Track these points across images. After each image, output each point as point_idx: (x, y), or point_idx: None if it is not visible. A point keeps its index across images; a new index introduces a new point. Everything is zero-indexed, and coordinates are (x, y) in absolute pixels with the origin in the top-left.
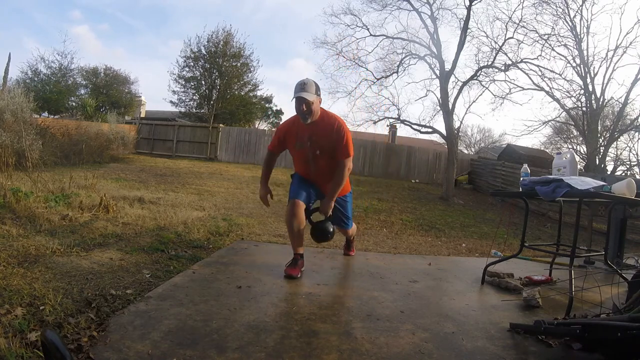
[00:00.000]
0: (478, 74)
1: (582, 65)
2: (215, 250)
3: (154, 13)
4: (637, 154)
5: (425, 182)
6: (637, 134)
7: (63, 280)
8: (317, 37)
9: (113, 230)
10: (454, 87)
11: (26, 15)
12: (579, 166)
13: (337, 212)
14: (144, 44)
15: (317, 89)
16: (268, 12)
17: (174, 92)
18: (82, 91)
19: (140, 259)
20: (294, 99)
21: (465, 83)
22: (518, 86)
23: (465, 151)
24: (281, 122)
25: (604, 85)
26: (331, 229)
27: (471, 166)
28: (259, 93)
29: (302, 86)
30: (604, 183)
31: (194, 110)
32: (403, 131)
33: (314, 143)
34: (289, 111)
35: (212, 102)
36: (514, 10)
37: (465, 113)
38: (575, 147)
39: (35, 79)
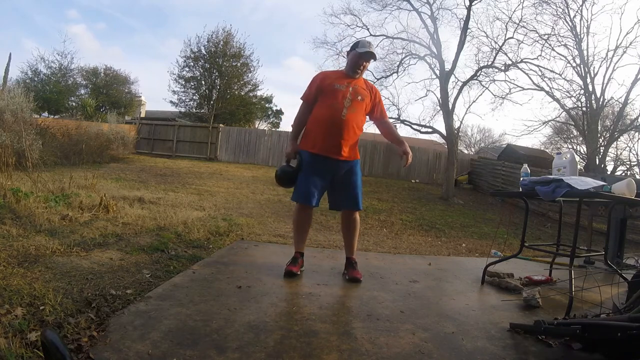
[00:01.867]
0: (478, 74)
1: (582, 65)
2: (215, 250)
3: (152, 13)
4: (637, 154)
5: (425, 182)
6: (637, 134)
7: (63, 280)
8: (317, 37)
9: (113, 230)
10: (454, 87)
11: (24, 15)
12: (579, 166)
13: (347, 181)
14: (144, 44)
15: None
16: (266, 12)
17: (174, 92)
18: (82, 91)
19: (140, 259)
20: (361, 53)
21: (465, 83)
22: (518, 86)
23: (465, 151)
24: (317, 73)
25: (604, 85)
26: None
27: (471, 166)
28: (259, 93)
29: (370, 44)
30: (604, 183)
31: (194, 110)
32: (403, 131)
33: (355, 89)
34: (289, 111)
35: (212, 102)
36: (514, 10)
37: (465, 113)
38: (575, 147)
39: (35, 79)
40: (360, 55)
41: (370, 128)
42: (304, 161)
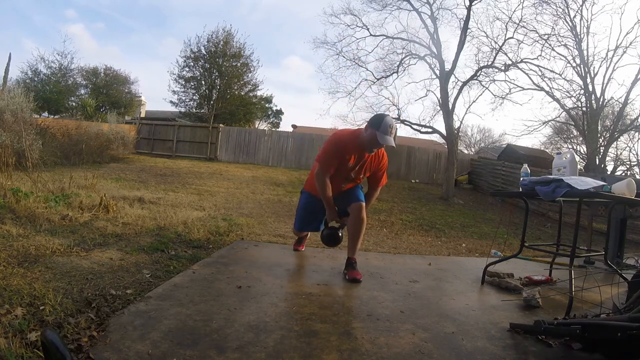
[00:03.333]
0: (478, 74)
1: (582, 65)
2: (215, 250)
3: (151, 14)
4: (637, 154)
5: (425, 182)
6: (637, 134)
7: (63, 280)
8: (317, 37)
9: (113, 230)
10: (454, 87)
11: (23, 15)
12: (579, 166)
13: (347, 192)
14: (143, 44)
15: None
16: (264, 13)
17: (174, 92)
18: (82, 91)
19: (140, 259)
20: (382, 142)
21: (465, 83)
22: (518, 86)
23: (465, 151)
24: (337, 140)
25: (604, 85)
26: (341, 234)
27: (471, 166)
28: (259, 93)
29: (391, 130)
30: (604, 183)
31: (194, 110)
32: (403, 131)
33: (362, 166)
34: (288, 111)
35: (212, 102)
36: (514, 10)
37: (465, 113)
38: (575, 147)
39: (35, 79)
40: (379, 142)
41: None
42: (305, 198)
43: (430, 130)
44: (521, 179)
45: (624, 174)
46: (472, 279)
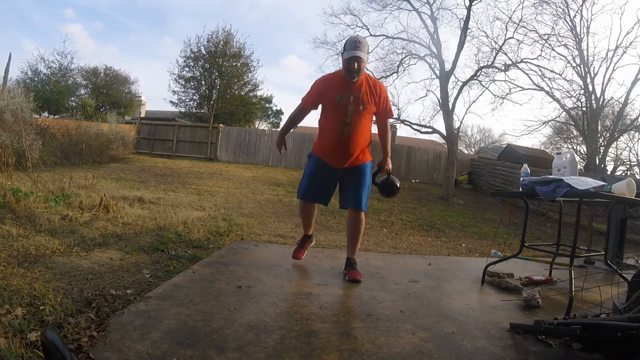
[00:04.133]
0: (478, 74)
1: (582, 65)
2: (215, 250)
3: (150, 14)
4: (637, 154)
5: (425, 182)
6: (637, 134)
7: (63, 280)
8: (317, 37)
9: (113, 230)
10: (454, 87)
11: (22, 15)
12: (579, 166)
13: (353, 183)
14: (142, 44)
15: (368, 48)
16: (263, 13)
17: (174, 92)
18: (82, 91)
19: (140, 259)
20: (347, 57)
21: (465, 83)
22: (518, 86)
23: (465, 151)
24: (319, 78)
25: (604, 85)
26: (397, 183)
27: (471, 166)
28: (259, 93)
29: (356, 44)
30: (604, 183)
31: (194, 110)
32: (403, 131)
33: (357, 98)
34: (288, 111)
35: (212, 102)
36: (514, 10)
37: (465, 113)
38: (575, 147)
39: (35, 79)
40: (347, 60)
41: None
42: (313, 162)
43: (430, 130)
44: (521, 179)
45: (624, 174)
46: (472, 279)
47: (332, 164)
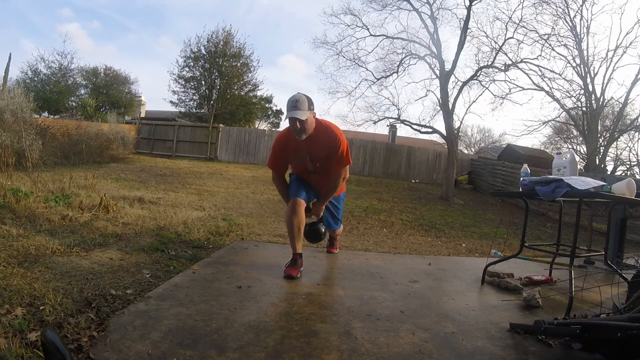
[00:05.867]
0: (478, 74)
1: (582, 65)
2: (215, 250)
3: (149, 14)
4: (637, 154)
5: (425, 182)
6: (637, 134)
7: (63, 280)
8: (317, 37)
9: (113, 230)
10: (454, 87)
11: (21, 15)
12: (579, 166)
13: (328, 212)
14: (141, 44)
15: (310, 103)
16: (261, 13)
17: (174, 92)
18: (82, 91)
19: (140, 259)
20: (287, 118)
21: (465, 83)
22: (518, 86)
23: (465, 151)
24: (275, 137)
25: (604, 85)
26: (323, 230)
27: (471, 166)
28: (259, 93)
29: (294, 104)
30: (604, 183)
31: (194, 110)
32: (403, 131)
33: (312, 157)
34: None
35: (212, 102)
36: (514, 10)
37: (465, 113)
38: (575, 147)
39: (35, 79)
40: (289, 121)
41: (370, 128)
42: (295, 175)
43: (430, 130)
44: (521, 179)
45: (624, 174)
46: (472, 279)
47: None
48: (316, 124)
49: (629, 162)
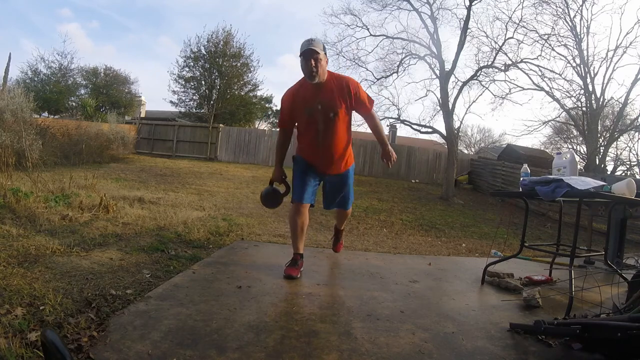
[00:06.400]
0: (478, 74)
1: (582, 65)
2: (215, 250)
3: (149, 14)
4: (637, 154)
5: (425, 182)
6: (637, 134)
7: (63, 280)
8: (317, 37)
9: (113, 230)
10: (454, 87)
11: (19, 14)
12: (579, 166)
13: (337, 189)
14: (140, 44)
15: (324, 48)
16: (261, 13)
17: (174, 92)
18: (82, 91)
19: (140, 259)
20: (301, 56)
21: (465, 83)
22: (518, 86)
23: (465, 151)
24: (283, 94)
25: (604, 85)
26: (279, 198)
27: (471, 166)
28: (259, 93)
29: (309, 42)
30: (604, 183)
31: (194, 110)
32: (403, 131)
33: (325, 105)
34: None
35: (212, 102)
36: (514, 10)
37: (465, 113)
38: (575, 147)
39: (35, 79)
40: (303, 58)
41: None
42: (298, 162)
43: (430, 130)
44: (521, 179)
45: (624, 174)
46: (472, 279)
47: (316, 167)
48: (328, 74)
49: (629, 162)
